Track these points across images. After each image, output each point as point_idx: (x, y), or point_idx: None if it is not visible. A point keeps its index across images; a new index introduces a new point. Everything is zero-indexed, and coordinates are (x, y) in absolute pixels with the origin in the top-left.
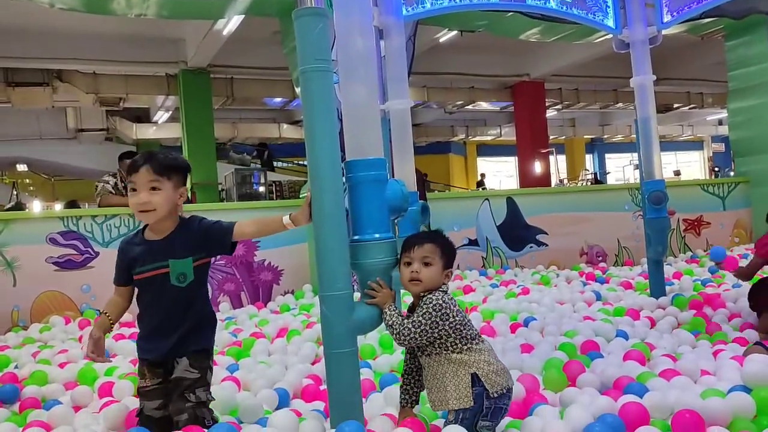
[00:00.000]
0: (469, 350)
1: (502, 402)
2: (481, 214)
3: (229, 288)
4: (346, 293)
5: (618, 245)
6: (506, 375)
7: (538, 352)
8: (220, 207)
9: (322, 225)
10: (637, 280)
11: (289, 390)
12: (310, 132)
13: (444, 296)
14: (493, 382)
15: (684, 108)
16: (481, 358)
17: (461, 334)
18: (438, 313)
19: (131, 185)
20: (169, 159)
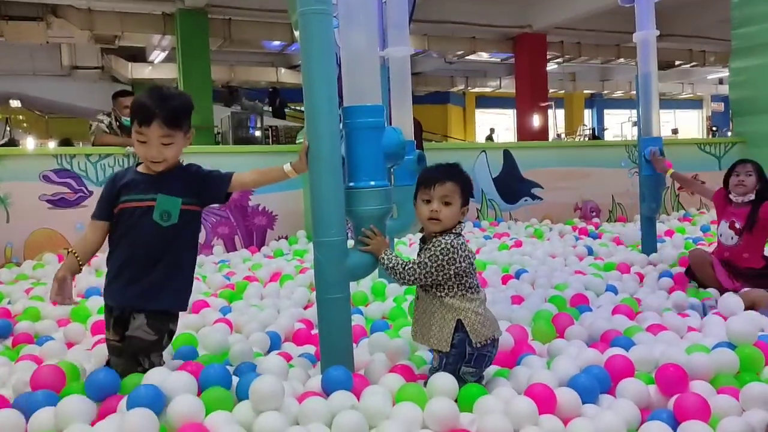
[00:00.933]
0: (462, 297)
1: (485, 350)
2: (478, 166)
3: (222, 231)
4: (340, 239)
5: (612, 201)
6: (493, 326)
7: (528, 304)
8: (216, 150)
9: (318, 171)
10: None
11: (281, 333)
12: (308, 76)
13: (455, 240)
14: (478, 332)
15: (685, 65)
16: (471, 306)
17: (461, 281)
18: (445, 257)
19: (138, 135)
20: (181, 106)
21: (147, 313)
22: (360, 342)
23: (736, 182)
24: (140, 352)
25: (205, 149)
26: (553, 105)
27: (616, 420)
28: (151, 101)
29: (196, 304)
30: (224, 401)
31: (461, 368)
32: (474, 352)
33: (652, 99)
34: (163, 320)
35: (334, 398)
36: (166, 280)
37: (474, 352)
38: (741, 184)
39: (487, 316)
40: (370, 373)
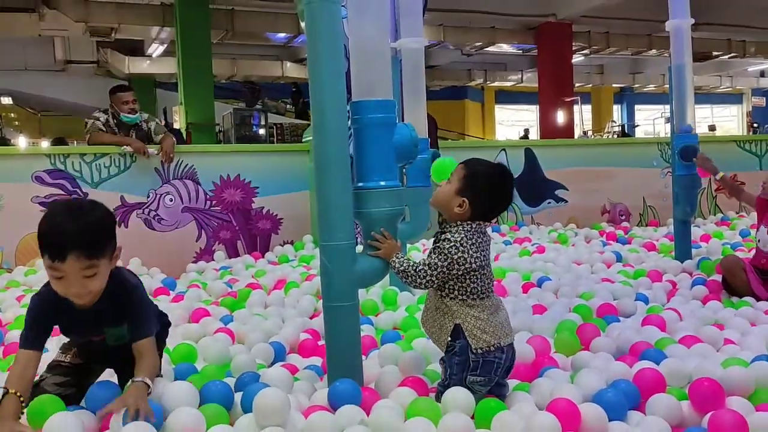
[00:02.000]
0: (462, 302)
1: (491, 356)
2: None
3: (224, 236)
4: (348, 244)
5: (643, 204)
6: (499, 333)
7: (550, 314)
8: (218, 149)
9: (325, 170)
10: (662, 242)
11: (286, 344)
12: (315, 70)
13: (465, 237)
14: (477, 338)
15: (723, 57)
16: (471, 312)
17: (462, 283)
18: (456, 255)
19: (53, 271)
20: (101, 226)
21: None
22: (370, 354)
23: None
24: None
25: (206, 149)
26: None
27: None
28: (64, 228)
29: (196, 312)
30: (224, 416)
31: (467, 377)
32: (478, 358)
33: (687, 92)
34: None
35: (341, 413)
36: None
37: (478, 358)
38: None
39: (491, 321)
40: (380, 387)
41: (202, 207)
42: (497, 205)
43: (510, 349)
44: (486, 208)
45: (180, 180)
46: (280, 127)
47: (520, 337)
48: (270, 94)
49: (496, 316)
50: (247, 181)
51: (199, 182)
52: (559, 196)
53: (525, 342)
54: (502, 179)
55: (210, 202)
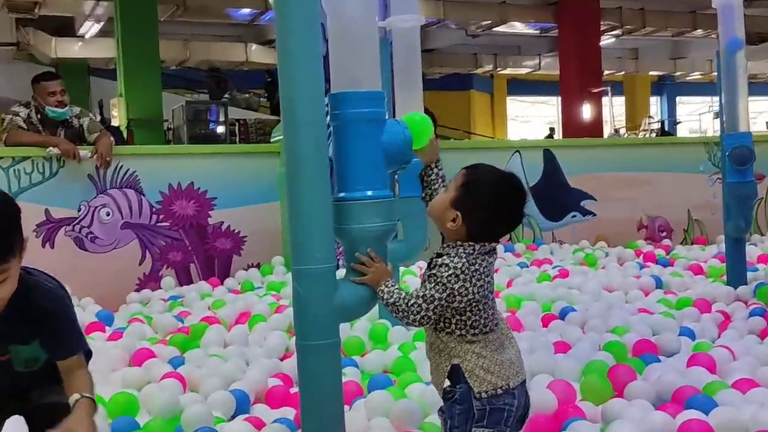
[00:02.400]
0: (461, 338)
1: (500, 402)
2: None
3: (174, 258)
4: (327, 267)
5: (688, 217)
6: (507, 372)
7: (576, 353)
8: (166, 151)
9: (298, 178)
10: (711, 264)
11: (250, 392)
12: (286, 54)
13: (466, 261)
14: (480, 380)
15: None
16: (472, 348)
17: (462, 316)
18: (457, 285)
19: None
20: (9, 226)
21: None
22: (354, 403)
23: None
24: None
25: (152, 150)
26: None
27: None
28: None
29: (139, 353)
30: None
31: (472, 430)
32: (484, 406)
33: (739, 82)
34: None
35: None
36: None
37: (484, 406)
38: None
39: (496, 359)
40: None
41: (146, 222)
42: (500, 224)
43: (522, 392)
44: (484, 227)
45: (119, 189)
46: (243, 123)
47: (539, 382)
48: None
49: (502, 353)
50: (202, 190)
51: (142, 192)
52: (585, 208)
53: (545, 387)
54: (508, 192)
55: (156, 216)
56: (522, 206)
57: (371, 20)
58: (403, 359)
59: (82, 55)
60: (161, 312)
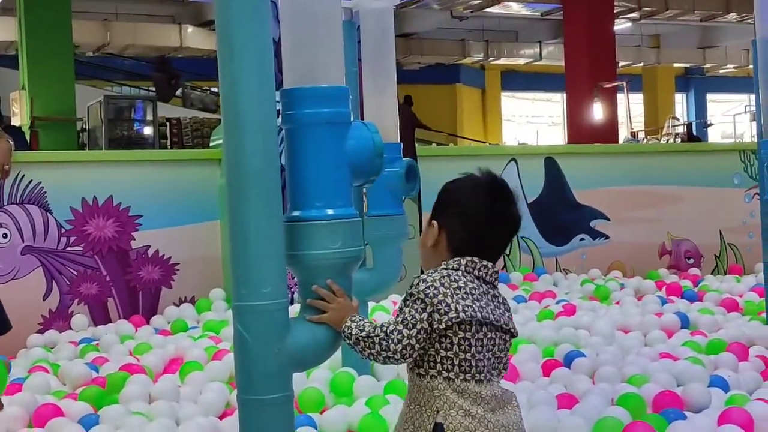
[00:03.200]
0: (447, 383)
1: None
2: None
3: (88, 291)
4: (278, 304)
5: (720, 241)
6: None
7: (584, 408)
8: (79, 158)
9: (242, 192)
10: (748, 298)
11: None
12: (227, 39)
13: (445, 275)
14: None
15: None
16: (458, 402)
17: (448, 348)
18: (436, 300)
19: None
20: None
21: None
22: None
23: None
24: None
25: (62, 157)
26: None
27: None
28: None
29: (42, 410)
30: None
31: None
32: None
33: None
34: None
35: None
36: None
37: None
38: None
39: (488, 422)
40: None
41: (53, 247)
42: (487, 230)
43: None
44: (464, 235)
45: (19, 205)
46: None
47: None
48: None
49: (497, 415)
50: (124, 206)
51: (49, 209)
52: (596, 229)
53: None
54: (487, 189)
55: (66, 238)
56: (508, 206)
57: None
58: (373, 416)
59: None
60: (70, 358)
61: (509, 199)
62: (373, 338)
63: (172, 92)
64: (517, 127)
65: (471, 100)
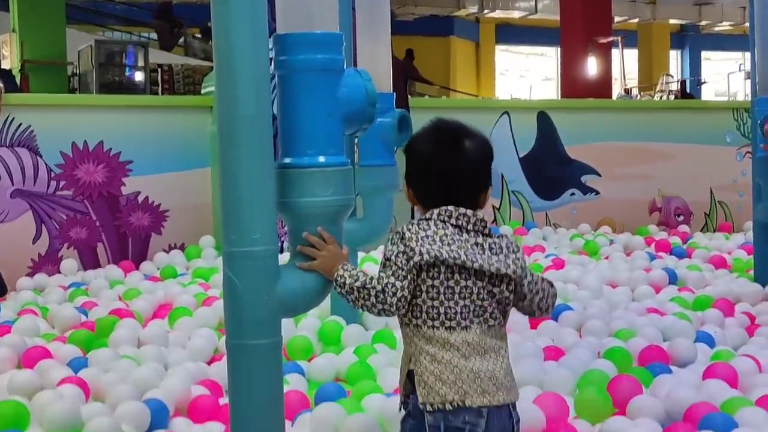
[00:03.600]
0: (418, 330)
1: (459, 419)
2: (496, 137)
3: (77, 236)
4: (268, 250)
5: (711, 199)
6: (469, 387)
7: (570, 360)
8: (70, 102)
9: (234, 139)
10: (736, 256)
11: (169, 403)
12: None
13: (416, 226)
14: (429, 389)
15: None
16: (426, 348)
17: (417, 300)
18: (412, 243)
19: None
20: None
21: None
22: (298, 418)
23: None
24: None
25: (52, 101)
26: (620, 42)
27: None
28: None
29: (30, 353)
30: None
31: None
32: (438, 423)
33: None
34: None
35: None
36: None
37: (438, 423)
38: None
39: (455, 366)
40: None
41: (43, 191)
42: (443, 174)
43: (500, 417)
44: (432, 185)
45: (9, 148)
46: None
47: (526, 395)
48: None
49: (470, 362)
50: (114, 151)
51: (39, 153)
52: (587, 185)
53: (532, 402)
54: (430, 136)
55: (56, 183)
56: (455, 144)
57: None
58: (360, 365)
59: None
60: (60, 302)
61: (454, 136)
62: (369, 290)
63: (174, 41)
64: (510, 81)
65: (465, 53)
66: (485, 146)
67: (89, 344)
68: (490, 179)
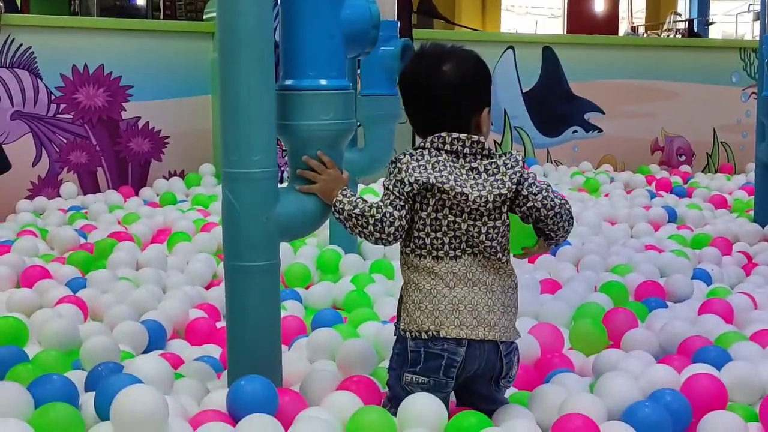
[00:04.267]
0: (405, 258)
1: (438, 347)
2: (500, 72)
3: (77, 159)
4: (267, 172)
5: (713, 139)
6: (446, 318)
7: (567, 294)
8: (71, 23)
9: (234, 60)
10: (737, 196)
11: (167, 325)
12: None
13: (410, 155)
14: (409, 315)
15: None
16: (412, 276)
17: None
18: (406, 173)
19: None
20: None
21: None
22: (294, 342)
23: None
24: None
25: (53, 22)
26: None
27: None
28: None
29: (29, 272)
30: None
31: (404, 375)
32: (418, 348)
33: None
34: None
35: (247, 425)
36: None
37: (418, 348)
38: None
39: (435, 296)
40: (307, 390)
41: (43, 113)
42: (428, 97)
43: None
44: (421, 111)
45: (9, 69)
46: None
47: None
48: None
49: (453, 291)
50: (115, 76)
51: (39, 74)
52: (590, 122)
53: (527, 332)
54: (413, 62)
55: (56, 106)
56: (436, 67)
57: None
58: (357, 293)
59: None
60: (59, 225)
61: (437, 59)
62: (367, 218)
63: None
64: (516, 17)
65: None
66: (472, 66)
67: (88, 266)
68: (485, 101)
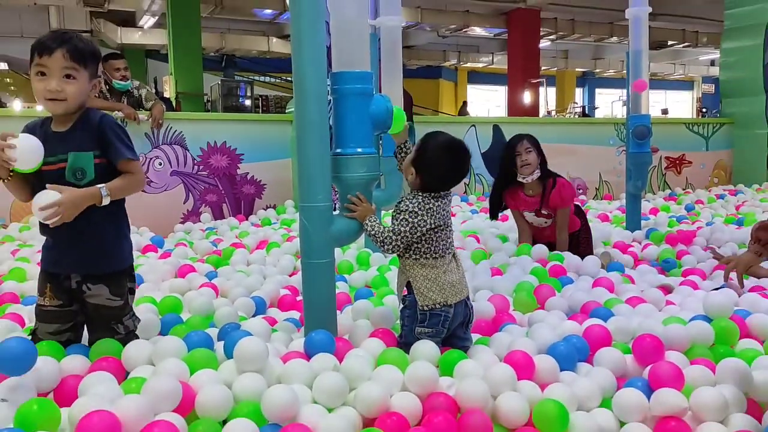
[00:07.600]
0: (415, 261)
1: (438, 310)
2: (467, 140)
3: (211, 199)
4: (326, 205)
5: (599, 179)
6: (447, 292)
7: (510, 275)
8: (205, 117)
9: (305, 136)
10: (615, 214)
11: (266, 299)
12: (298, 44)
13: (419, 202)
14: (424, 296)
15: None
16: (421, 272)
17: (420, 244)
18: (415, 221)
19: (39, 68)
20: (89, 45)
21: (105, 280)
22: (344, 309)
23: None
24: (113, 320)
25: (195, 116)
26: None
27: (592, 386)
28: (56, 35)
29: (183, 268)
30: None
31: (416, 329)
32: (426, 312)
33: (642, 76)
34: (122, 281)
35: (316, 360)
36: (101, 241)
37: (426, 312)
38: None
39: (439, 281)
40: (352, 338)
41: (190, 171)
42: (446, 178)
43: (461, 306)
44: (434, 180)
45: (169, 145)
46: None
47: (481, 296)
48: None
49: (447, 276)
50: (233, 148)
51: (187, 148)
52: None
53: (486, 300)
54: (450, 154)
55: (197, 166)
56: (463, 164)
57: (364, 18)
58: (381, 277)
59: (141, 42)
60: (200, 239)
61: (465, 158)
62: (377, 237)
63: None
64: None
65: (448, 89)
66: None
67: (218, 264)
68: None
